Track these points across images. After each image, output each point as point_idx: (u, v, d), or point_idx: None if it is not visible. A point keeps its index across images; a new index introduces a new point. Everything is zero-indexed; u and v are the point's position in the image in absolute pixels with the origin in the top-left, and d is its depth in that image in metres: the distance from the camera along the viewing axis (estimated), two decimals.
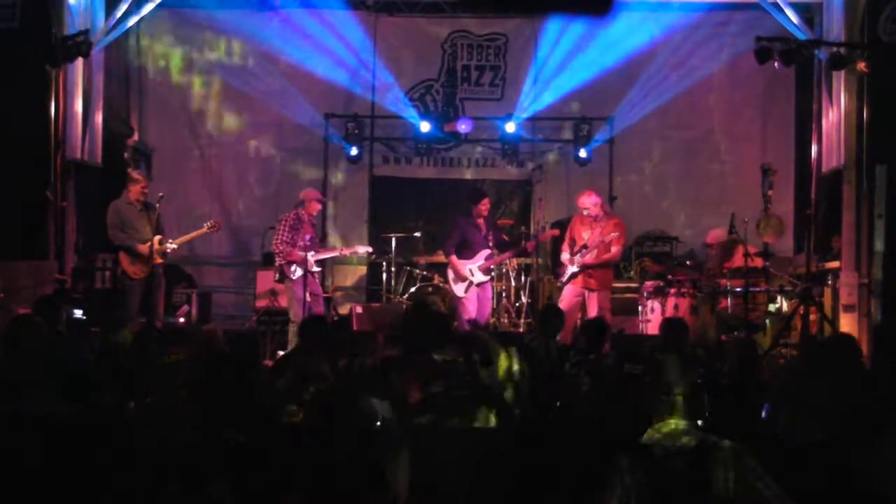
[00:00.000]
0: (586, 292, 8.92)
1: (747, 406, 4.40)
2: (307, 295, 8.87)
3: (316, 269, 9.08)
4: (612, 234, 8.83)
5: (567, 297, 9.00)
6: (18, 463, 3.54)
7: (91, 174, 10.27)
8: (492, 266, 9.45)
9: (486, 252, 9.29)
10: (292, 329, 8.97)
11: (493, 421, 4.53)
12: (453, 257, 9.31)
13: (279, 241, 9.01)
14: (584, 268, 8.88)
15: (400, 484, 3.43)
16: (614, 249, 8.96)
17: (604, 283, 8.97)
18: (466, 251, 9.30)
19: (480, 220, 9.41)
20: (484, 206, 9.40)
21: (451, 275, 9.39)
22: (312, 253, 8.99)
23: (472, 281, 9.24)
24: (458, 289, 9.29)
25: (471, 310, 9.23)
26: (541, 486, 3.68)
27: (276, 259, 9.13)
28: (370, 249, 10.00)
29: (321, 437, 3.71)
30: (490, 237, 9.39)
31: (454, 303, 10.21)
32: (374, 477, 3.56)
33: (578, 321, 9.09)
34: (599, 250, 8.87)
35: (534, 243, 9.62)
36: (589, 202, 9.03)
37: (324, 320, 7.37)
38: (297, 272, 8.93)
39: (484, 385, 4.72)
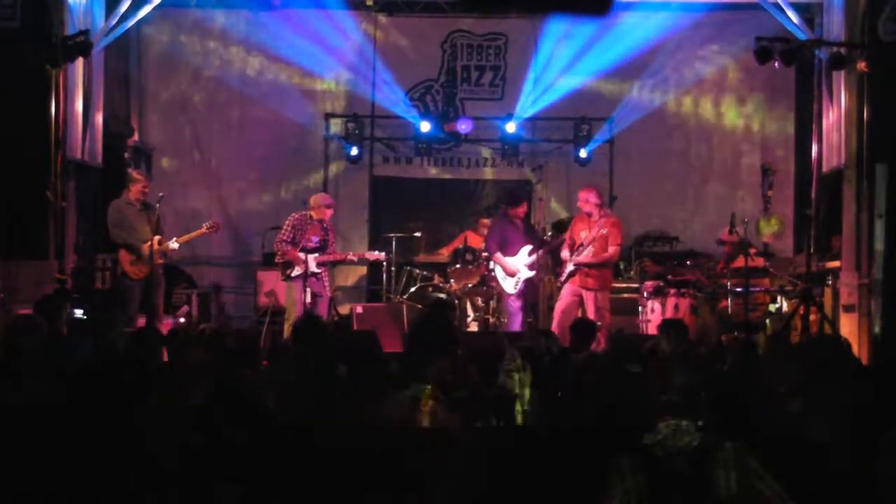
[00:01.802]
0: (584, 292, 8.92)
1: (747, 406, 4.40)
2: (307, 296, 8.90)
3: (316, 269, 9.08)
4: (601, 230, 8.81)
5: (564, 297, 9.02)
6: (19, 464, 3.53)
7: (91, 174, 10.27)
8: (536, 261, 9.46)
9: (529, 247, 9.32)
10: (286, 327, 9.03)
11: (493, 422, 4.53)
12: (498, 255, 9.36)
13: (278, 239, 9.12)
14: (580, 266, 8.88)
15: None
16: (611, 249, 8.95)
17: (601, 283, 8.95)
18: (508, 249, 9.36)
19: (518, 221, 9.49)
20: (522, 209, 9.54)
21: (498, 273, 9.39)
22: (316, 255, 9.03)
23: (520, 277, 9.26)
24: (508, 285, 9.32)
25: (518, 308, 9.27)
26: (541, 487, 3.68)
27: (276, 258, 9.20)
28: (382, 256, 9.89)
29: (321, 437, 3.72)
30: (529, 235, 9.46)
31: (451, 301, 10.22)
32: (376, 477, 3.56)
33: None
34: (596, 249, 8.86)
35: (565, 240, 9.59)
36: (582, 197, 9.05)
37: (319, 321, 7.35)
38: (296, 271, 8.96)
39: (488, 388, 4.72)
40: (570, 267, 8.95)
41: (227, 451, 3.52)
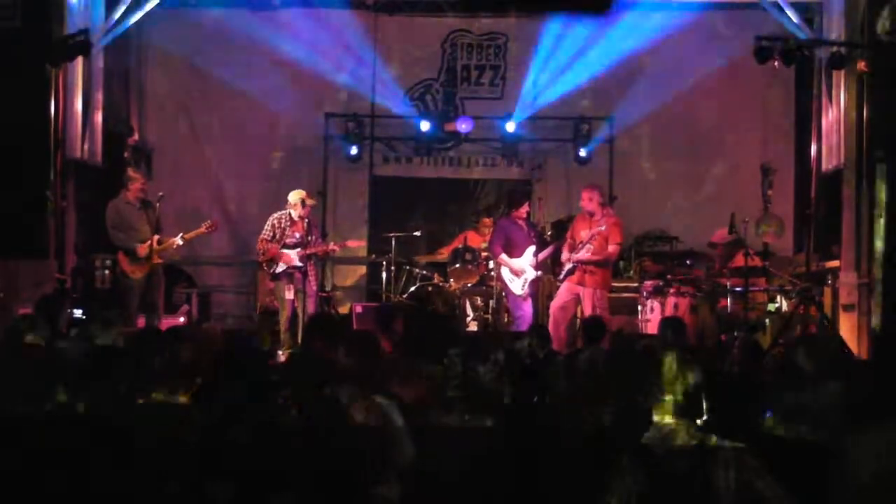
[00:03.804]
0: (581, 289, 8.91)
1: (747, 406, 4.40)
2: (291, 292, 9.00)
3: (298, 263, 9.08)
4: (599, 227, 8.81)
5: (562, 294, 9.03)
6: (18, 463, 3.54)
7: (91, 174, 10.26)
8: (540, 262, 9.45)
9: (533, 248, 9.31)
10: (281, 327, 9.13)
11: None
12: (503, 256, 9.33)
13: (260, 239, 9.24)
14: (579, 263, 8.87)
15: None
16: (611, 248, 8.95)
17: (598, 282, 8.94)
18: (513, 250, 9.34)
19: (521, 221, 9.47)
20: (524, 210, 9.54)
21: (505, 275, 9.37)
22: (298, 250, 9.05)
23: (527, 278, 9.25)
24: (516, 286, 9.30)
25: (529, 309, 9.26)
26: (541, 487, 3.68)
27: (259, 257, 9.31)
28: (363, 243, 9.98)
29: (321, 436, 3.71)
30: (532, 235, 9.44)
31: (454, 301, 10.24)
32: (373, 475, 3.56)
33: (579, 320, 9.10)
34: (596, 247, 8.86)
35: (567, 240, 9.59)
36: (586, 196, 9.06)
37: (331, 318, 7.43)
38: (279, 267, 9.08)
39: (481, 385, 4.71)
40: (568, 265, 8.96)
41: (222, 449, 3.52)
